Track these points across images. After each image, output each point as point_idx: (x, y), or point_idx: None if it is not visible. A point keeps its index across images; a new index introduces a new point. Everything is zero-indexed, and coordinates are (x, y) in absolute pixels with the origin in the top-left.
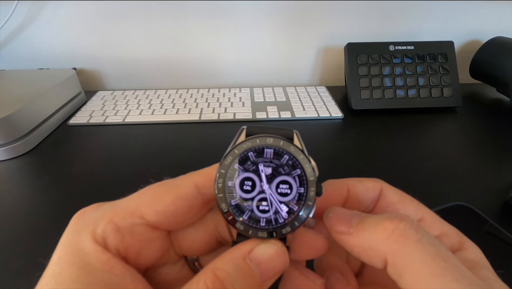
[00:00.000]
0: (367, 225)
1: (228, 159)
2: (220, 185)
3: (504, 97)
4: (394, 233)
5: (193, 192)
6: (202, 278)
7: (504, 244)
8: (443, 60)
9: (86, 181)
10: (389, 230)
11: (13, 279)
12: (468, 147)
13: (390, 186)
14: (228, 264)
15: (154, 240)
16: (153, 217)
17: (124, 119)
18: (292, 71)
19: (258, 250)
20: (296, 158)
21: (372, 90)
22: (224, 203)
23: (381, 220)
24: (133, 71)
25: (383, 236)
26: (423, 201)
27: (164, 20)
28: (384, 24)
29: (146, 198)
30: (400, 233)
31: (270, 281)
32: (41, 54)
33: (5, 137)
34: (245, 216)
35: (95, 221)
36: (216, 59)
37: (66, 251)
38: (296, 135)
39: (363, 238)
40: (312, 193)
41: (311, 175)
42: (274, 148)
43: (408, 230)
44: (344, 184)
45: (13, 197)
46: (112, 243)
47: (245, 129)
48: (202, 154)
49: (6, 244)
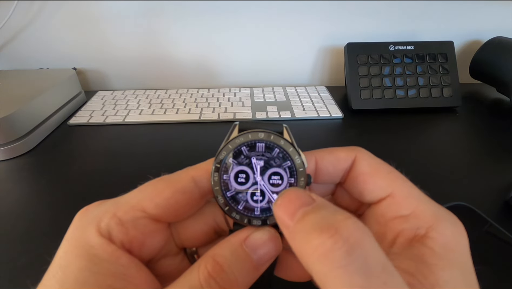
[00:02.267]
0: (302, 227)
1: (223, 154)
2: (216, 178)
3: (504, 97)
4: (318, 250)
5: (190, 185)
6: (202, 263)
7: (504, 244)
8: (443, 60)
9: (86, 181)
10: (314, 245)
11: (13, 279)
12: (468, 147)
13: (367, 155)
14: (226, 250)
15: (156, 232)
16: (154, 210)
17: (124, 119)
18: (292, 71)
19: (253, 236)
20: (286, 150)
21: (372, 90)
22: (220, 195)
23: (313, 228)
24: (133, 71)
25: (307, 250)
26: None
27: (164, 20)
28: (384, 24)
29: (146, 192)
30: (323, 252)
31: (265, 265)
32: (41, 54)
33: (5, 137)
34: (240, 206)
35: (99, 216)
36: (216, 59)
37: (72, 245)
38: (285, 130)
39: (295, 240)
40: (302, 182)
41: (300, 166)
42: (265, 142)
43: (335, 250)
44: (312, 156)
45: (13, 197)
46: (116, 236)
47: (238, 125)
48: (202, 153)
49: (6, 244)
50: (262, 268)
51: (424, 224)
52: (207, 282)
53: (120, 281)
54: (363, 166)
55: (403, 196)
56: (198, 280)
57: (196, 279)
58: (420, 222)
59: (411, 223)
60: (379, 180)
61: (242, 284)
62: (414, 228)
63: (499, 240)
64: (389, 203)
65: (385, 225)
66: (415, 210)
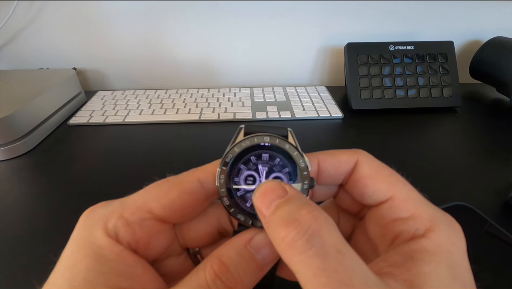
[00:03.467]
0: (273, 219)
1: (229, 156)
2: (222, 181)
3: (504, 97)
4: (284, 241)
5: (196, 186)
6: (208, 263)
7: (504, 244)
8: (443, 60)
9: (86, 181)
10: (281, 237)
11: (14, 279)
12: (468, 147)
13: (369, 158)
14: (231, 250)
15: (161, 232)
16: (161, 211)
17: (124, 119)
18: (292, 71)
19: (258, 237)
20: (291, 154)
21: (372, 90)
22: (225, 197)
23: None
24: (133, 71)
25: (276, 241)
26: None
27: (164, 20)
28: (384, 24)
29: (152, 193)
30: (288, 243)
31: (269, 265)
32: (41, 54)
33: (5, 137)
34: (247, 205)
35: (105, 217)
36: (216, 59)
37: (79, 245)
38: (290, 134)
39: (269, 231)
40: (306, 186)
41: (304, 170)
42: (269, 153)
43: (296, 241)
44: (314, 157)
45: (13, 197)
46: (123, 237)
47: (243, 128)
48: (202, 153)
49: (6, 244)
50: (266, 268)
51: (422, 226)
52: (214, 281)
53: (127, 281)
54: (364, 169)
55: (403, 199)
56: (205, 280)
57: (203, 279)
58: (418, 224)
59: (409, 225)
60: (379, 183)
61: (247, 284)
62: (412, 229)
63: (499, 240)
64: (389, 205)
65: (385, 226)
66: (414, 212)
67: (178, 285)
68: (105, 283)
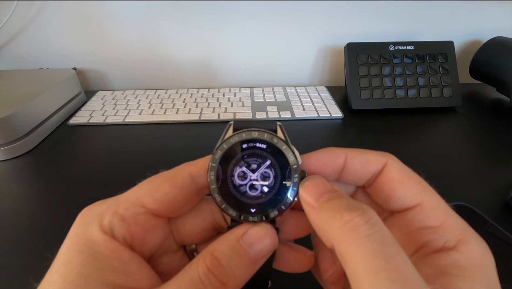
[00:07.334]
0: (330, 207)
1: (218, 153)
2: (212, 177)
3: (504, 97)
4: (347, 225)
5: (188, 181)
6: (201, 258)
7: (504, 244)
8: (443, 60)
9: (86, 181)
10: (343, 221)
11: (13, 279)
12: (468, 147)
13: (398, 162)
14: (224, 245)
15: (156, 227)
16: (153, 205)
17: (124, 119)
18: (292, 71)
19: (250, 232)
20: (280, 148)
21: (372, 90)
22: (216, 193)
23: (343, 208)
24: (133, 71)
25: (336, 224)
26: None
27: (164, 20)
28: (384, 24)
29: (145, 188)
30: (351, 226)
31: (262, 260)
32: (41, 54)
33: (5, 137)
34: (237, 200)
35: (101, 214)
36: (216, 59)
37: (75, 242)
38: (279, 128)
39: (321, 217)
40: (296, 179)
41: (294, 163)
42: (258, 147)
43: (361, 225)
44: (342, 153)
45: (13, 197)
46: (118, 232)
47: (233, 124)
48: (202, 153)
49: (6, 244)
50: (260, 262)
51: (453, 238)
52: (206, 276)
53: (122, 277)
54: (393, 172)
55: (432, 207)
56: (198, 275)
57: (196, 274)
58: (448, 235)
59: (439, 235)
60: (409, 188)
61: (239, 278)
62: (442, 240)
63: (499, 240)
64: (417, 213)
65: (409, 234)
66: (444, 222)
67: (172, 280)
68: (100, 278)
